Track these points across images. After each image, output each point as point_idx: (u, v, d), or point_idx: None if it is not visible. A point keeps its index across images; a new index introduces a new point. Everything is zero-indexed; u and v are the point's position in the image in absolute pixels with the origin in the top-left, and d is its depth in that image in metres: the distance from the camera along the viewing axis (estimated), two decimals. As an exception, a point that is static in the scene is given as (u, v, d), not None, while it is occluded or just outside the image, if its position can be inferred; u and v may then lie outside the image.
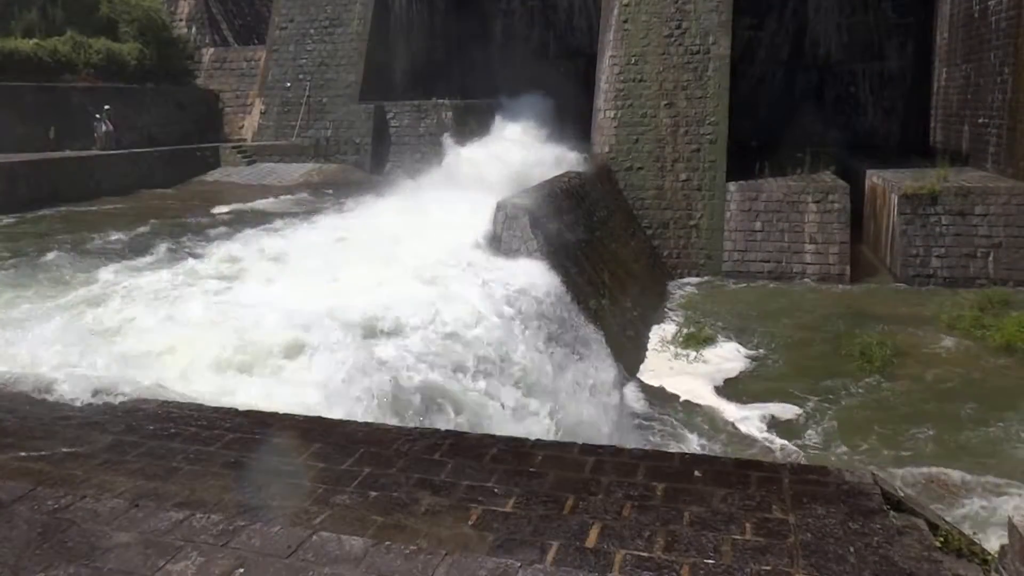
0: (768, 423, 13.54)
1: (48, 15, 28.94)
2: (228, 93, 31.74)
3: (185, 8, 34.30)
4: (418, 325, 10.05)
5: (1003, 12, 22.52)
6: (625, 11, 24.86)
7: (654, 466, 4.49)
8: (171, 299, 10.69)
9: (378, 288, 11.26)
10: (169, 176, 25.82)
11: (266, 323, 8.91)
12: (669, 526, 3.76)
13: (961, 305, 18.47)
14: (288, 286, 11.34)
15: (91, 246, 15.69)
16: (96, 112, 25.26)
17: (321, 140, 28.78)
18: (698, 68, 24.08)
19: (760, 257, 23.01)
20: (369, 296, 10.69)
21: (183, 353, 8.07)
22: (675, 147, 24.02)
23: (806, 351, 17.06)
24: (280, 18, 30.74)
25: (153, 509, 3.93)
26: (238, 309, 9.72)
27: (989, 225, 20.84)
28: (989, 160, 23.38)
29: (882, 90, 33.88)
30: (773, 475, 4.35)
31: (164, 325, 9.09)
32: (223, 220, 19.16)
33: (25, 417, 5.27)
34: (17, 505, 3.97)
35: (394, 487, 4.21)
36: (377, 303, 10.38)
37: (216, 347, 8.16)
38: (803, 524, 3.77)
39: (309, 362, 8.26)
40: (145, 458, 4.58)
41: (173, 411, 5.40)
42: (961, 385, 14.81)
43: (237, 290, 11.40)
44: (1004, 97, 22.23)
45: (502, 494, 4.11)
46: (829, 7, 34.51)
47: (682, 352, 17.02)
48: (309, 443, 4.81)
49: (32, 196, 20.93)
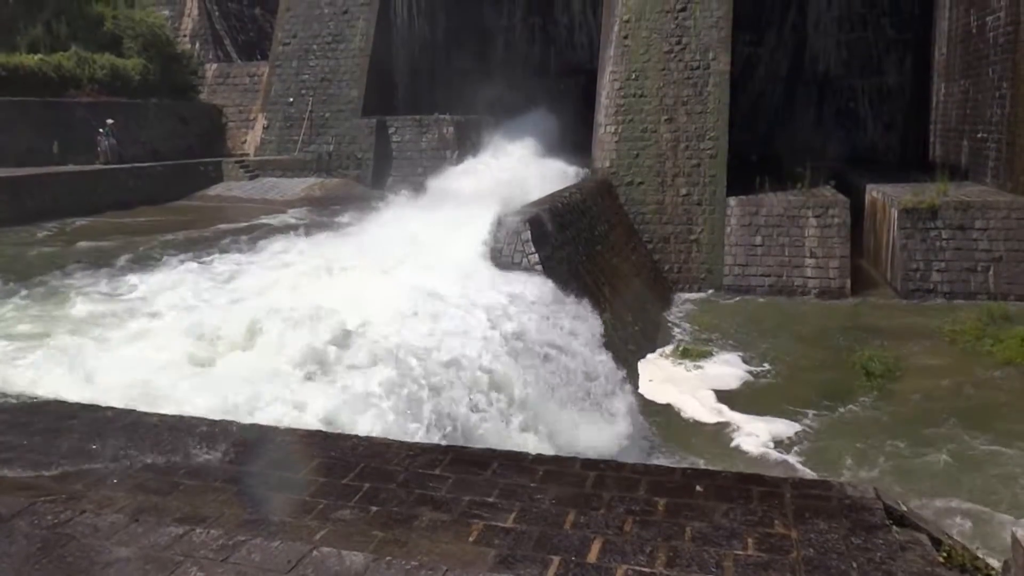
0: (769, 437, 13.50)
1: (53, 31, 29.14)
2: (231, 108, 31.88)
3: (189, 24, 34.49)
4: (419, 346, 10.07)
5: (1000, 28, 22.63)
6: (625, 27, 24.99)
7: (655, 481, 4.48)
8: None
9: (375, 303, 11.27)
10: (172, 190, 25.90)
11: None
12: (671, 541, 3.75)
13: (962, 320, 18.45)
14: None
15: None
16: (99, 127, 25.36)
17: (323, 155, 28.88)
18: (698, 83, 24.17)
19: (761, 271, 23.03)
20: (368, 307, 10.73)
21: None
22: (676, 162, 24.08)
23: (807, 365, 17.04)
24: (283, 34, 30.93)
25: (153, 524, 3.92)
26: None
27: (989, 239, 20.86)
28: (988, 174, 23.43)
29: (881, 105, 34.00)
30: (775, 490, 4.34)
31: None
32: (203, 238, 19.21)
33: (26, 430, 5.27)
34: (17, 520, 3.96)
35: (395, 502, 4.20)
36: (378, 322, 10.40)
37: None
38: (805, 539, 3.75)
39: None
40: (145, 472, 4.57)
41: (174, 425, 5.39)
42: (962, 400, 14.78)
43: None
44: (1003, 112, 22.30)
45: (503, 509, 4.10)
46: (828, 23, 34.71)
47: (682, 365, 17.00)
48: (310, 457, 4.80)
49: (36, 209, 21.02)
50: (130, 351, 8.91)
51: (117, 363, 8.23)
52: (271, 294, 11.90)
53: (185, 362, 8.66)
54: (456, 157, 26.81)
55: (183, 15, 34.50)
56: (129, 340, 9.46)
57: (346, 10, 29.90)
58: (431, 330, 10.63)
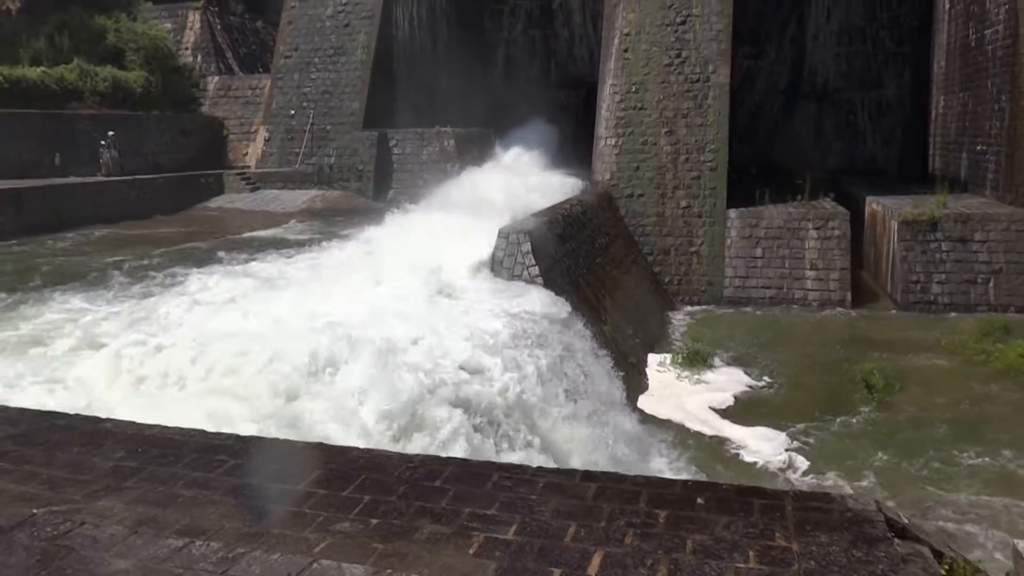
0: (770, 450, 13.47)
1: (56, 43, 29.24)
2: (232, 120, 31.97)
3: (191, 37, 34.64)
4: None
5: (999, 41, 22.71)
6: (626, 40, 25.09)
7: (656, 493, 4.46)
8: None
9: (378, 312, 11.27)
10: (173, 202, 25.95)
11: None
12: (672, 554, 3.74)
13: (962, 331, 18.45)
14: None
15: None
16: (101, 139, 25.43)
17: (324, 167, 28.93)
18: (698, 96, 24.25)
19: (761, 283, 23.03)
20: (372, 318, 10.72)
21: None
22: (675, 174, 24.13)
23: (807, 377, 17.01)
24: (285, 47, 31.06)
25: (153, 536, 3.91)
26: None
27: (989, 251, 20.87)
28: (988, 186, 23.47)
29: (881, 118, 34.10)
30: (776, 502, 4.33)
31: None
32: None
33: (26, 441, 5.26)
34: (16, 531, 3.95)
35: (395, 514, 4.18)
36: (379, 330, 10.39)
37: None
38: (807, 552, 3.74)
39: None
40: (145, 484, 4.56)
41: (174, 437, 5.38)
42: (963, 412, 14.76)
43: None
44: (1002, 124, 22.36)
45: (504, 522, 4.08)
46: (827, 36, 34.86)
47: (683, 378, 16.98)
48: (310, 469, 4.79)
49: (36, 222, 21.02)
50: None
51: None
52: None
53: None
54: (457, 169, 26.85)
55: (185, 28, 34.66)
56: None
57: (348, 23, 30.03)
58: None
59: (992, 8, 23.28)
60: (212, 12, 35.05)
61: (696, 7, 24.47)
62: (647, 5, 24.91)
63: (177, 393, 8.55)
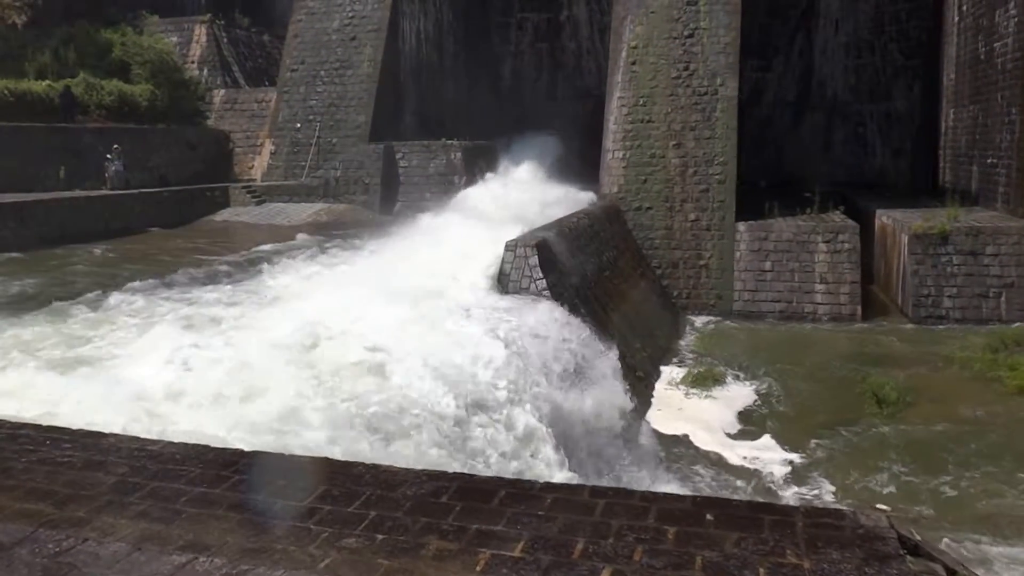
0: (780, 465, 13.37)
1: (61, 57, 29.38)
2: (238, 134, 32.06)
3: (197, 51, 34.80)
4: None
5: (1009, 54, 22.67)
6: (633, 53, 25.12)
7: (665, 509, 4.40)
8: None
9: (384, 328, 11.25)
10: (178, 216, 25.96)
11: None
12: (681, 571, 3.67)
13: (974, 346, 18.30)
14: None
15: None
16: (107, 152, 25.48)
17: (330, 180, 28.94)
18: (706, 109, 24.25)
19: (771, 297, 22.94)
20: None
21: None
22: (684, 187, 24.10)
23: (818, 392, 16.90)
24: (291, 60, 31.17)
25: (156, 553, 3.86)
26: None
27: (1001, 265, 20.75)
28: (999, 200, 23.36)
29: (890, 130, 34.02)
30: (786, 518, 4.26)
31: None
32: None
33: (29, 456, 5.22)
34: (18, 548, 3.91)
35: (401, 530, 4.13)
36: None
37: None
38: (818, 569, 3.67)
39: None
40: (148, 500, 4.51)
41: (177, 452, 5.34)
42: (976, 427, 14.62)
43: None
44: (1012, 137, 22.27)
45: (511, 538, 4.03)
46: (836, 49, 34.87)
47: (693, 392, 16.90)
48: (315, 485, 4.74)
49: (41, 236, 20.99)
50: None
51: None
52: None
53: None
54: (464, 182, 26.87)
55: (191, 42, 34.81)
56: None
57: (354, 36, 30.14)
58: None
59: (1001, 21, 23.25)
60: (218, 26, 35.19)
61: (704, 20, 24.50)
62: (655, 18, 24.96)
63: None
